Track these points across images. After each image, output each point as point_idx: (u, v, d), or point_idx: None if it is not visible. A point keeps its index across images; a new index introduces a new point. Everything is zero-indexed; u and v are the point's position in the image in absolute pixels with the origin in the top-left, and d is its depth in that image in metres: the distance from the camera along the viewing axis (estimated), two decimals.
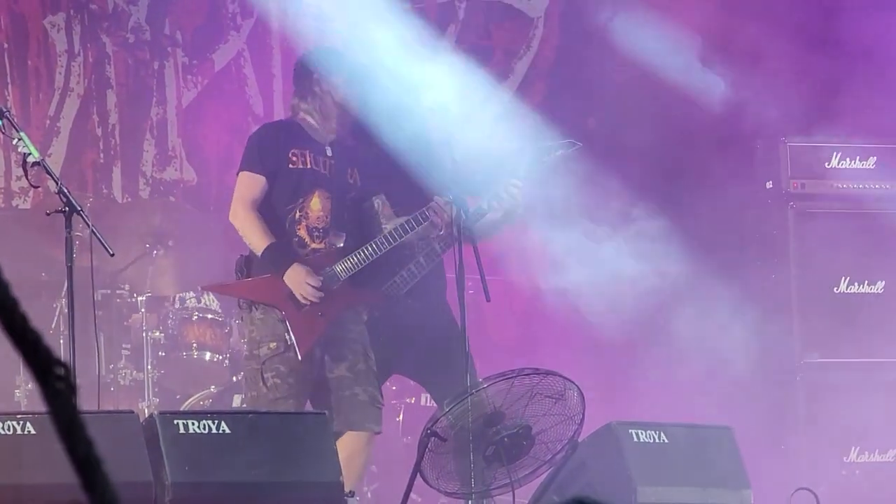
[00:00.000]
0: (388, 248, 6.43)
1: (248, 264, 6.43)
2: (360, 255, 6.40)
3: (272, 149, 6.43)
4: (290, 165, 6.41)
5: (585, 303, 8.50)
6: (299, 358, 6.28)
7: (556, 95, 9.51)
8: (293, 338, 6.28)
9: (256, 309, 6.37)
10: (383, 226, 6.54)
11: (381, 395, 6.50)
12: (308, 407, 6.41)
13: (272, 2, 9.19)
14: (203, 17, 9.28)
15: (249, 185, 6.40)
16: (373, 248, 6.41)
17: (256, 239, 6.33)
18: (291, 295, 6.32)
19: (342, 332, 6.41)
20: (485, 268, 6.26)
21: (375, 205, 6.58)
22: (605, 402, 7.09)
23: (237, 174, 6.52)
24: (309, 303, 6.31)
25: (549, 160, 6.60)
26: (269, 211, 6.40)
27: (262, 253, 6.31)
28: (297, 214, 6.41)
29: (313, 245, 6.41)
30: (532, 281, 9.27)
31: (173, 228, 8.15)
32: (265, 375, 6.29)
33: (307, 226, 6.41)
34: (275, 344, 6.32)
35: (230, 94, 9.29)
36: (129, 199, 8.95)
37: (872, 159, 8.17)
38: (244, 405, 6.87)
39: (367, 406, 6.36)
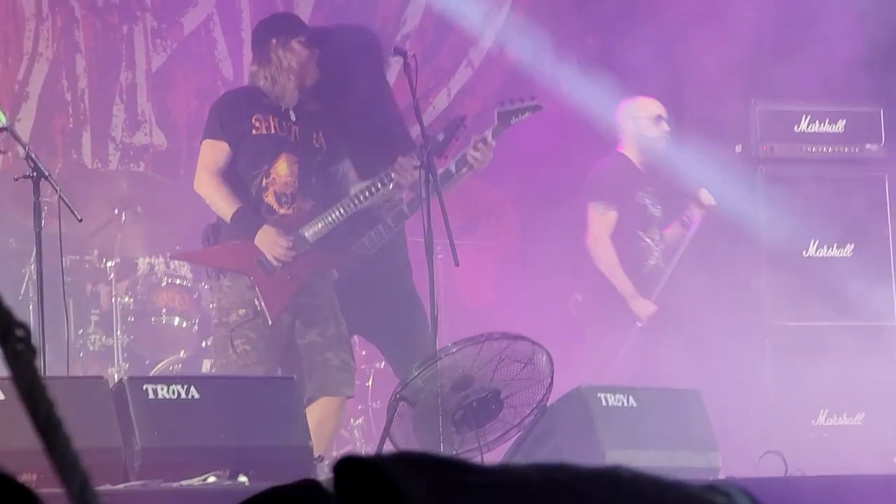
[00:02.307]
0: (355, 210, 6.43)
1: (215, 232, 6.42)
2: (326, 218, 6.40)
3: (234, 116, 6.41)
4: (254, 131, 6.39)
5: (556, 267, 8.52)
6: (270, 323, 6.28)
7: (527, 59, 9.48)
8: (263, 303, 6.28)
9: (225, 276, 6.36)
10: (349, 190, 6.54)
11: (353, 359, 6.51)
12: (279, 373, 6.41)
13: None
14: None
15: (213, 152, 6.38)
16: (339, 212, 6.41)
17: (224, 205, 6.31)
18: (260, 261, 6.31)
19: (312, 298, 6.41)
20: (457, 232, 6.26)
21: (341, 169, 6.58)
22: (574, 366, 7.11)
23: (200, 141, 6.50)
24: (279, 265, 6.31)
25: (515, 122, 6.60)
26: (235, 178, 6.38)
27: (231, 218, 6.30)
28: (264, 181, 6.39)
29: (282, 211, 6.40)
30: (504, 244, 9.29)
31: (141, 195, 8.13)
32: (235, 342, 6.29)
33: (275, 191, 6.40)
34: (244, 311, 6.32)
35: (200, 58, 9.25)
36: (99, 164, 8.92)
37: (842, 122, 8.19)
38: (214, 371, 6.87)
39: (339, 370, 6.37)
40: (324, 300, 6.44)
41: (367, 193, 6.43)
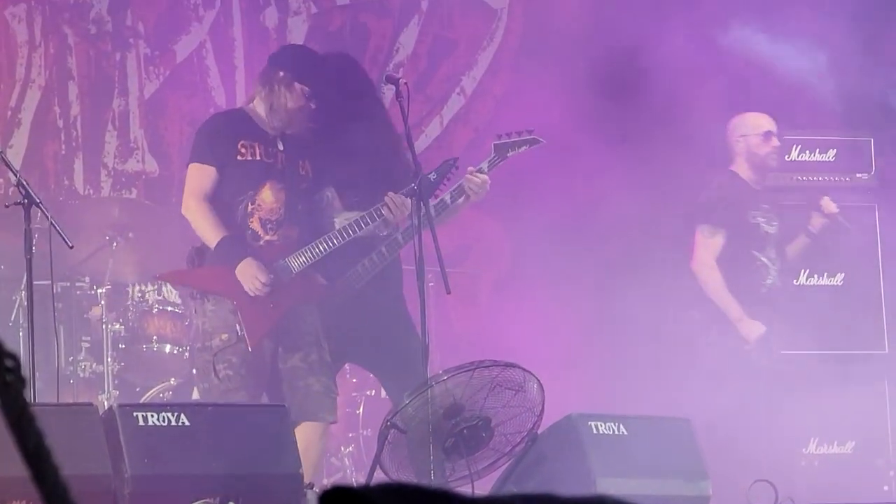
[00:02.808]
0: (342, 243, 6.42)
1: (199, 255, 6.41)
2: (313, 249, 6.39)
3: (221, 140, 6.40)
4: (240, 157, 6.39)
5: (547, 292, 8.53)
6: (249, 348, 6.27)
7: (519, 87, 9.52)
8: (243, 328, 6.26)
9: (208, 300, 6.35)
10: (333, 219, 6.54)
11: (336, 385, 6.50)
12: (264, 399, 6.40)
13: None
14: (165, 7, 9.26)
15: (200, 176, 6.38)
16: (325, 245, 6.40)
17: (209, 232, 6.31)
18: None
19: (295, 323, 6.40)
20: (449, 260, 6.26)
21: (326, 197, 6.58)
22: (565, 393, 7.11)
23: (187, 166, 6.50)
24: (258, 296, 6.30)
25: (512, 154, 6.62)
26: (220, 202, 6.37)
27: (216, 247, 6.29)
28: (249, 207, 6.38)
29: (267, 237, 6.39)
30: (496, 272, 9.30)
31: (132, 221, 8.13)
32: (217, 367, 6.27)
33: (260, 218, 6.39)
34: (227, 335, 6.30)
35: (192, 86, 9.27)
36: (91, 191, 8.92)
37: (832, 152, 8.21)
38: (198, 395, 6.85)
39: (321, 396, 6.35)
40: (307, 326, 6.43)
41: (355, 228, 6.42)
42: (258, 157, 6.40)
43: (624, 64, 8.59)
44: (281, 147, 6.46)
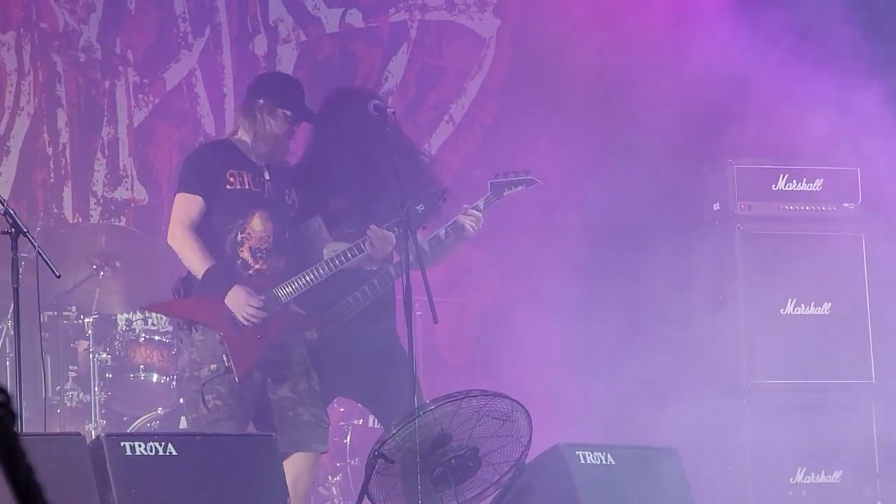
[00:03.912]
0: (328, 274, 6.42)
1: (185, 285, 6.41)
2: (300, 280, 6.39)
3: (209, 169, 6.40)
4: (228, 186, 6.39)
5: (535, 323, 8.54)
6: (237, 380, 6.26)
7: (507, 115, 9.55)
8: (231, 359, 6.25)
9: (196, 330, 6.34)
10: (322, 249, 6.54)
11: (327, 415, 6.50)
12: (251, 429, 6.39)
13: (224, 20, 9.20)
14: (154, 35, 9.27)
15: (187, 206, 6.38)
16: (313, 275, 6.40)
17: (196, 262, 6.30)
18: (232, 316, 6.29)
19: (283, 354, 6.40)
20: (438, 289, 6.27)
21: (313, 227, 6.58)
22: (552, 423, 7.11)
23: (174, 195, 6.50)
24: (250, 324, 6.30)
25: (508, 194, 6.64)
26: (209, 232, 6.37)
27: (203, 276, 6.28)
28: (239, 236, 6.38)
29: (256, 266, 6.39)
30: (484, 303, 9.30)
31: (120, 250, 8.13)
32: (206, 397, 6.26)
33: (250, 247, 6.39)
34: (215, 366, 6.29)
35: (182, 114, 9.28)
36: (80, 219, 8.92)
37: (819, 181, 8.24)
38: (186, 425, 6.84)
39: (312, 426, 6.34)
40: (295, 356, 6.42)
41: (341, 259, 6.43)
42: (247, 186, 6.41)
43: (613, 92, 8.62)
44: (267, 176, 6.46)
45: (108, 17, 9.17)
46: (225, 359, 6.27)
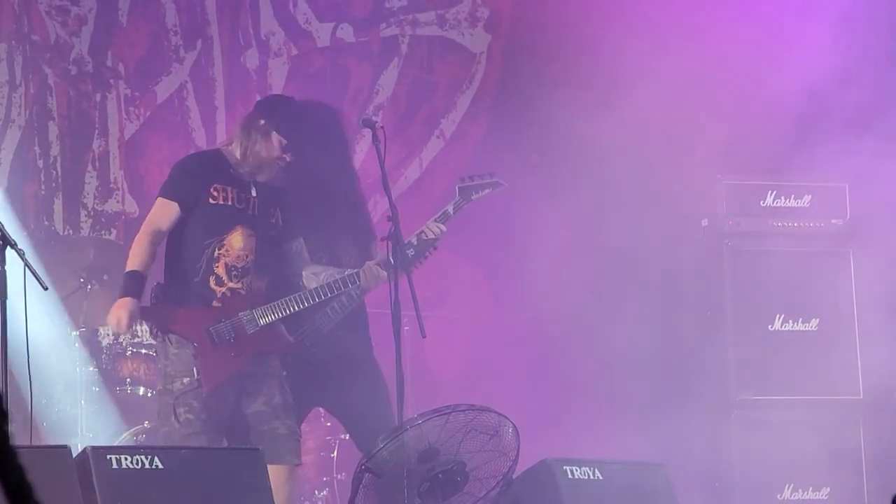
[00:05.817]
0: (311, 304, 6.42)
1: (164, 291, 6.40)
2: (282, 308, 6.38)
3: (191, 180, 6.39)
4: (210, 200, 6.37)
5: (524, 338, 8.54)
6: (204, 393, 6.25)
7: (498, 130, 9.57)
8: (200, 373, 6.24)
9: (172, 343, 6.33)
10: (301, 271, 6.53)
11: (300, 428, 6.49)
12: (224, 444, 6.37)
13: (216, 34, 9.22)
14: (146, 48, 9.29)
15: (160, 211, 6.39)
16: (296, 304, 6.40)
17: (132, 260, 6.32)
18: (209, 332, 6.28)
19: (256, 368, 6.37)
20: (427, 304, 6.27)
21: (294, 248, 6.57)
22: (540, 438, 7.12)
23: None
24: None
25: (476, 198, 6.63)
26: (185, 243, 6.36)
27: (124, 275, 6.32)
28: (217, 251, 6.36)
29: (230, 284, 6.36)
30: (474, 317, 9.31)
31: (108, 263, 8.13)
32: (178, 410, 6.24)
33: (226, 263, 6.36)
34: (188, 379, 6.28)
35: (173, 127, 9.29)
36: (71, 231, 8.92)
37: (807, 198, 8.25)
38: (159, 440, 6.82)
39: (286, 439, 6.32)
40: (269, 369, 6.40)
41: (328, 291, 6.42)
42: (230, 202, 6.38)
43: (604, 107, 8.63)
44: (254, 193, 6.45)
45: (99, 29, 9.18)
46: (195, 371, 6.26)
